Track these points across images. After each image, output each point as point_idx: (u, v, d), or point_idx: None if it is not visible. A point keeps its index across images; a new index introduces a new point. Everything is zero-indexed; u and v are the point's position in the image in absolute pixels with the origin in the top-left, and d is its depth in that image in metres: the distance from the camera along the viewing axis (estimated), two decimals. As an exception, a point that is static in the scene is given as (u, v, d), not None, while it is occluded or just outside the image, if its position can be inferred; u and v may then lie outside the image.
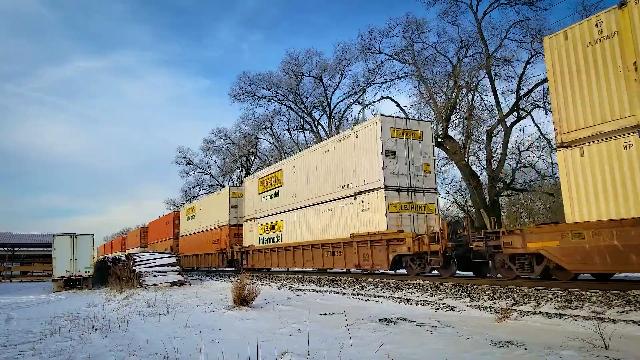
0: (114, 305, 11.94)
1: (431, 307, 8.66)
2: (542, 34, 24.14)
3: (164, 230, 38.79)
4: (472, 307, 8.22)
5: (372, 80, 34.12)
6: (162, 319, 8.69)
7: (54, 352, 5.98)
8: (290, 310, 9.30)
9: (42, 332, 7.75)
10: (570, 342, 5.19)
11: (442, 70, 29.41)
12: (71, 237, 20.28)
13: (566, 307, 7.24)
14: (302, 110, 40.85)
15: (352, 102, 38.35)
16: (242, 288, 9.91)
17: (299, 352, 5.18)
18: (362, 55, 33.43)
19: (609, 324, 5.99)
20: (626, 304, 6.75)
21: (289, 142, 44.35)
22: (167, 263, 19.81)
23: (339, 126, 38.53)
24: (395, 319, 7.40)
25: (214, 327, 7.64)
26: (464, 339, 5.66)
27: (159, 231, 40.14)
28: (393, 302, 9.66)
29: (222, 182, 52.06)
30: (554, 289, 8.21)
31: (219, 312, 9.36)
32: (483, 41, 25.97)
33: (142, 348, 5.99)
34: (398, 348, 5.31)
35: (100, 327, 7.76)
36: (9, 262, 32.09)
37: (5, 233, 34.52)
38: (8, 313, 11.39)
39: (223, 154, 51.21)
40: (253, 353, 5.20)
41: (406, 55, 30.36)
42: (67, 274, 19.80)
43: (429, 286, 10.68)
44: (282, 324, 7.60)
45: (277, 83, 40.35)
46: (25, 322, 9.53)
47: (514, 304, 8.00)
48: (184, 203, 50.27)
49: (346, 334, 6.10)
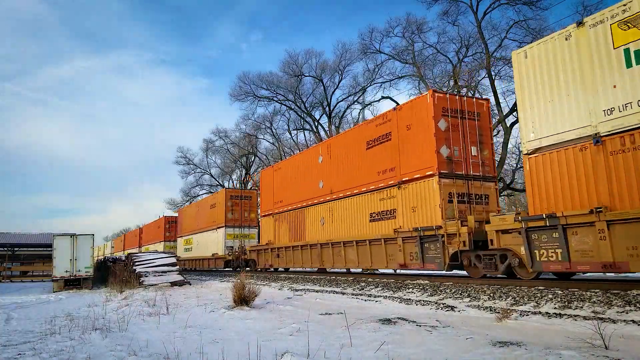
0: (114, 305, 11.94)
1: (431, 307, 8.66)
2: (542, 34, 24.19)
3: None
4: (472, 307, 8.22)
5: (372, 80, 34.22)
6: (162, 319, 8.69)
7: (54, 352, 5.98)
8: (290, 310, 9.30)
9: (42, 332, 7.75)
10: (570, 342, 5.19)
11: (442, 70, 29.51)
12: (71, 237, 20.30)
13: (566, 307, 7.24)
14: (302, 110, 40.91)
15: (352, 102, 38.48)
16: (242, 288, 9.92)
17: (299, 352, 5.18)
18: (362, 55, 33.55)
19: (609, 324, 5.99)
20: (626, 304, 6.75)
21: (289, 142, 44.45)
22: (167, 263, 19.82)
23: (338, 126, 38.57)
24: (395, 319, 7.40)
25: (214, 327, 7.64)
26: (464, 339, 5.66)
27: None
28: (393, 302, 9.66)
29: (222, 182, 52.14)
30: (554, 289, 8.21)
31: (219, 312, 9.36)
32: (483, 41, 26.00)
33: (142, 348, 5.99)
34: (398, 348, 5.31)
35: (100, 327, 7.76)
36: (9, 262, 32.12)
37: (5, 233, 34.58)
38: (8, 313, 11.40)
39: (223, 154, 51.33)
40: (253, 353, 5.20)
41: (406, 55, 30.44)
42: (67, 274, 19.82)
43: (429, 286, 10.68)
44: (282, 323, 7.60)
45: (277, 83, 40.43)
46: (25, 322, 9.53)
47: (514, 304, 8.00)
48: (183, 204, 50.35)
49: (346, 334, 6.10)
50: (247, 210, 27.06)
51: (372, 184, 14.01)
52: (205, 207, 30.35)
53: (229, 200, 26.64)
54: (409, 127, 12.58)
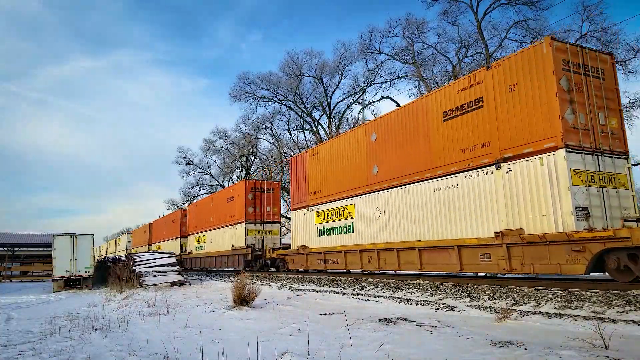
0: (114, 305, 11.94)
1: (431, 307, 8.66)
2: (542, 34, 24.21)
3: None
4: (472, 307, 8.22)
5: (372, 80, 34.22)
6: (162, 319, 8.69)
7: (54, 352, 5.98)
8: (290, 310, 9.30)
9: (42, 332, 7.76)
10: (570, 342, 5.19)
11: (442, 70, 29.52)
12: (71, 237, 20.32)
13: (566, 307, 7.24)
14: (302, 110, 40.91)
15: (352, 102, 38.47)
16: (242, 288, 9.92)
17: (299, 352, 5.18)
18: (362, 55, 33.56)
19: (609, 324, 5.99)
20: (626, 304, 6.75)
21: (289, 142, 44.41)
22: (167, 263, 19.83)
23: (338, 126, 38.56)
24: (395, 319, 7.40)
25: (214, 327, 7.64)
26: (464, 339, 5.66)
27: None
28: (393, 302, 9.66)
29: (222, 182, 52.13)
30: (554, 289, 8.21)
31: (218, 312, 9.36)
32: (483, 41, 26.02)
33: (142, 348, 5.99)
34: (398, 348, 5.31)
35: (100, 327, 7.77)
36: (9, 262, 32.13)
37: (5, 233, 34.62)
38: (8, 313, 11.40)
39: (223, 154, 51.31)
40: (253, 353, 5.20)
41: (406, 55, 30.45)
42: (67, 274, 19.84)
43: (429, 286, 10.68)
44: (282, 323, 7.60)
45: (277, 83, 40.42)
46: (25, 322, 9.53)
47: (514, 304, 8.00)
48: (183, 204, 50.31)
49: (346, 334, 6.10)
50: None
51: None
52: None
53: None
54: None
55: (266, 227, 23.68)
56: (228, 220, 25.36)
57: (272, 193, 24.48)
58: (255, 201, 23.69)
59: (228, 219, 25.38)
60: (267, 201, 24.10)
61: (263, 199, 23.89)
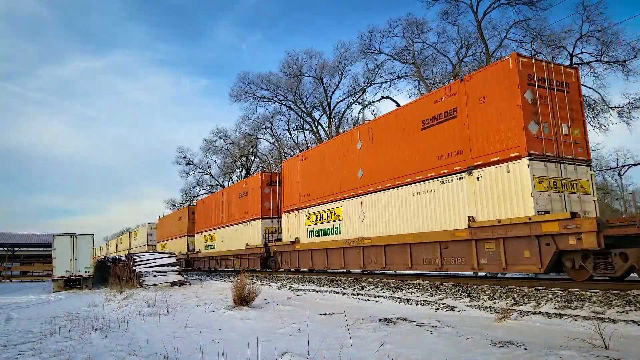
0: (114, 305, 11.94)
1: (431, 307, 8.67)
2: (542, 34, 24.22)
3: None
4: (472, 307, 8.22)
5: (372, 80, 34.24)
6: (162, 319, 8.69)
7: (54, 352, 5.98)
8: (290, 310, 9.30)
9: (42, 332, 7.75)
10: (570, 342, 5.19)
11: (442, 70, 29.51)
12: (71, 237, 20.31)
13: (566, 307, 7.25)
14: (302, 110, 40.92)
15: (352, 102, 38.48)
16: (242, 288, 9.92)
17: (299, 352, 5.18)
18: (362, 55, 33.56)
19: (609, 324, 5.99)
20: (626, 304, 6.75)
21: (289, 142, 44.43)
22: (167, 263, 19.83)
23: (338, 126, 38.57)
24: (395, 318, 7.40)
25: (213, 327, 7.64)
26: (464, 339, 5.66)
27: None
28: (393, 302, 9.66)
29: (222, 182, 52.14)
30: (554, 289, 8.21)
31: (218, 312, 9.36)
32: (483, 41, 26.03)
33: (142, 348, 5.98)
34: (398, 348, 5.31)
35: (100, 327, 7.76)
36: (9, 262, 32.12)
37: (5, 233, 34.56)
38: (8, 313, 11.39)
39: (223, 154, 51.35)
40: (253, 353, 5.20)
41: (406, 55, 30.45)
42: (67, 274, 19.83)
43: (429, 286, 10.69)
44: (282, 323, 7.60)
45: (276, 83, 40.43)
46: (25, 322, 9.53)
47: (514, 304, 8.00)
48: (183, 204, 50.26)
49: (346, 334, 6.10)
50: None
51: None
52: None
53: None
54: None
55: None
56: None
57: None
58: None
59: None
60: None
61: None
